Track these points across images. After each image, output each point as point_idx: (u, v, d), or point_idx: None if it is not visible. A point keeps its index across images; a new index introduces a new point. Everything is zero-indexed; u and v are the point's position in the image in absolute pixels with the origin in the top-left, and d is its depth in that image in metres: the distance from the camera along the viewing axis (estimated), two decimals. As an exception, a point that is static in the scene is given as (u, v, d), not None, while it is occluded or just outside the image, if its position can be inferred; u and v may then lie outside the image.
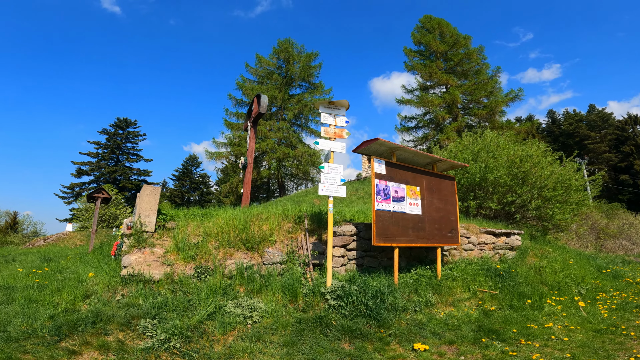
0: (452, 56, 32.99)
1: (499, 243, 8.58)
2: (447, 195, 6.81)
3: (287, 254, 6.30)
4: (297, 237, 6.59)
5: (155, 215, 6.62)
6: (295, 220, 6.79)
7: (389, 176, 5.77)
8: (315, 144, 5.40)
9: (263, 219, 6.68)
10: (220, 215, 6.97)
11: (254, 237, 6.26)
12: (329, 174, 5.39)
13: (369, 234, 6.85)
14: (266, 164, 36.36)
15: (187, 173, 58.01)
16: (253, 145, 11.66)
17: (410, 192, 6.08)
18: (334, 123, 5.64)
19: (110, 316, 4.65)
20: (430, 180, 6.52)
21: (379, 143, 5.75)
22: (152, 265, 5.79)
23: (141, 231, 6.34)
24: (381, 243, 5.55)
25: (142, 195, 6.65)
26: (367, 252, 6.93)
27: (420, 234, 6.17)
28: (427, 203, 6.37)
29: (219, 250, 6.11)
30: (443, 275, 6.78)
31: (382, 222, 5.57)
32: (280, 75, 35.65)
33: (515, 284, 6.86)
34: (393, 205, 5.79)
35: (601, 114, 59.30)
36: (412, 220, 6.07)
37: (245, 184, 11.27)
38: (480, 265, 7.53)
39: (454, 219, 6.86)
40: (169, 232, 6.66)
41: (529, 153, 10.26)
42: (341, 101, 5.63)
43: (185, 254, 5.87)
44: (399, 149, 6.01)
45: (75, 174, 47.30)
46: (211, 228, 6.49)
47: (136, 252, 6.10)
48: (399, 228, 5.82)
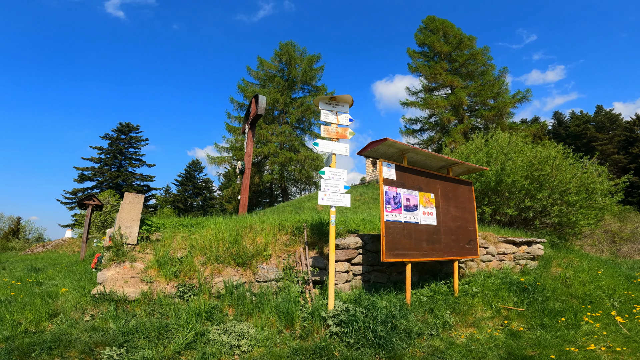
0: (457, 57, 32.24)
1: (520, 253, 7.81)
2: (464, 202, 6.05)
3: (284, 270, 5.57)
4: (295, 250, 5.86)
5: (137, 225, 5.94)
6: (293, 231, 6.06)
7: (399, 182, 5.03)
8: (314, 145, 4.67)
9: (257, 231, 5.95)
10: (210, 225, 6.26)
11: (246, 251, 5.54)
12: (331, 180, 4.66)
13: (376, 247, 6.10)
14: (268, 168, 35.71)
15: (190, 178, 57.56)
16: (251, 148, 10.98)
17: (423, 200, 5.33)
18: (336, 121, 4.92)
19: (71, 341, 3.97)
20: (445, 185, 5.77)
21: (388, 144, 5.02)
22: (130, 282, 5.12)
23: (121, 244, 5.68)
24: (391, 259, 4.80)
25: (123, 204, 5.99)
26: (374, 266, 6.19)
27: (436, 246, 5.41)
28: (443, 212, 5.62)
29: (205, 266, 5.40)
30: (461, 291, 6.04)
31: (392, 235, 4.82)
32: (282, 78, 35.09)
33: (543, 299, 6.10)
34: (404, 215, 5.04)
35: (609, 114, 58.18)
36: (426, 231, 5.32)
37: (242, 190, 10.57)
38: (501, 278, 6.81)
39: (472, 229, 6.10)
40: (154, 244, 5.97)
41: (549, 155, 9.46)
42: (344, 96, 4.91)
43: (167, 270, 5.17)
44: (410, 151, 5.27)
45: (77, 179, 46.99)
46: (199, 241, 5.79)
47: (114, 267, 5.45)
48: (412, 241, 5.07)
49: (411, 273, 6.33)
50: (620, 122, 55.53)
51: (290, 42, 34.75)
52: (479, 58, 31.64)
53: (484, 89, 30.52)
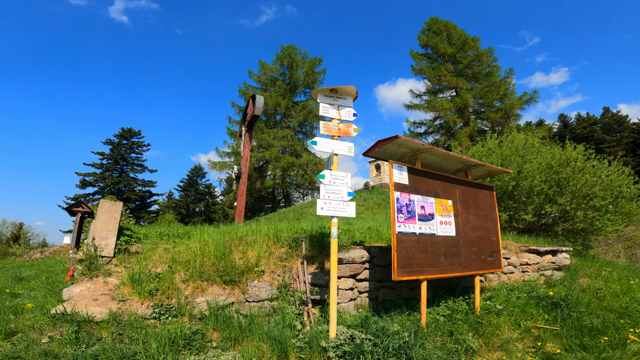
0: (461, 58, 31.54)
1: (544, 263, 7.07)
2: (485, 209, 5.31)
3: (279, 288, 4.86)
4: (292, 265, 5.13)
5: (114, 236, 5.28)
6: (290, 243, 5.34)
7: (412, 187, 4.30)
8: (312, 144, 3.97)
9: (248, 243, 5.24)
10: (197, 236, 5.57)
11: (235, 266, 4.83)
12: (332, 186, 3.94)
13: (384, 261, 5.37)
14: (270, 173, 35.05)
15: (193, 184, 57.03)
16: (248, 151, 10.30)
17: (440, 208, 4.59)
18: (338, 116, 4.22)
19: (21, 365, 3.29)
20: (464, 191, 5.03)
21: (399, 143, 4.30)
22: (100, 300, 4.47)
23: (95, 256, 5.02)
24: (404, 277, 4.07)
25: (98, 212, 5.34)
26: (382, 282, 5.46)
27: (455, 260, 4.67)
28: (462, 220, 4.88)
29: (187, 284, 4.70)
30: (483, 309, 5.32)
31: (405, 249, 4.09)
32: (284, 81, 34.54)
33: (578, 315, 5.33)
34: (419, 226, 4.31)
35: (616, 116, 57.16)
36: (444, 243, 4.58)
37: (239, 196, 9.87)
38: (526, 291, 6.10)
39: (495, 239, 5.35)
40: (134, 257, 5.29)
41: (570, 156, 8.69)
42: (346, 87, 4.21)
43: (141, 288, 4.49)
44: (424, 151, 4.54)
45: (79, 185, 46.63)
46: (182, 254, 5.09)
47: (86, 282, 4.83)
48: (428, 255, 4.33)
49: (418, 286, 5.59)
50: (628, 124, 54.54)
51: (292, 45, 34.27)
52: (483, 59, 30.93)
53: (490, 90, 29.76)
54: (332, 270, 3.87)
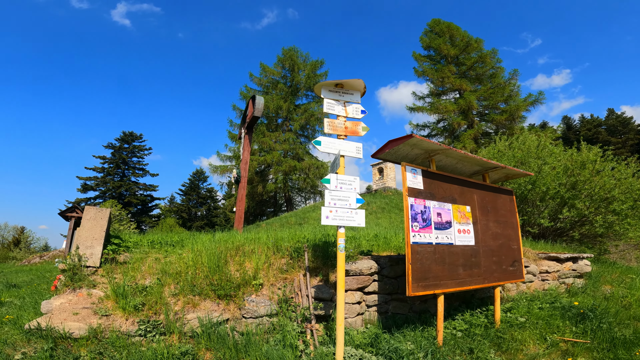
0: (465, 60, 31.12)
1: (565, 270, 6.64)
2: (505, 215, 4.86)
3: (279, 303, 4.42)
4: (293, 278, 4.69)
5: (101, 245, 4.88)
6: (291, 254, 4.90)
7: (427, 192, 3.86)
8: (315, 145, 3.54)
9: (246, 254, 4.80)
10: (191, 245, 5.14)
11: (231, 279, 4.40)
12: (338, 192, 3.50)
13: (395, 272, 4.92)
14: (272, 177, 34.63)
15: (194, 188, 56.69)
16: (248, 154, 9.88)
17: (458, 215, 4.15)
18: (344, 114, 3.79)
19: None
20: (483, 195, 4.59)
21: (412, 143, 3.87)
22: (81, 314, 4.09)
23: (78, 266, 4.63)
24: (420, 292, 3.63)
25: (83, 219, 4.93)
26: (392, 295, 5.01)
27: (474, 271, 4.22)
28: (482, 228, 4.43)
29: (177, 298, 4.27)
30: (503, 322, 4.91)
31: (420, 262, 3.64)
32: (285, 84, 34.21)
33: (609, 326, 4.89)
34: (436, 235, 3.86)
35: (620, 118, 56.55)
36: (463, 254, 4.13)
37: (238, 201, 9.44)
38: (548, 301, 5.70)
39: (516, 247, 4.90)
40: (121, 267, 4.88)
41: (588, 158, 8.23)
42: (353, 81, 3.78)
43: (126, 302, 4.07)
44: (440, 152, 4.10)
45: (80, 189, 46.41)
46: (173, 265, 4.66)
47: (68, 293, 4.42)
48: (445, 267, 3.88)
49: (432, 297, 5.15)
50: (633, 126, 53.94)
51: (293, 47, 33.96)
52: (487, 61, 30.49)
53: (494, 92, 29.30)
54: (339, 287, 3.42)
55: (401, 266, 4.98)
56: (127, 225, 28.70)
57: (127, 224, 28.90)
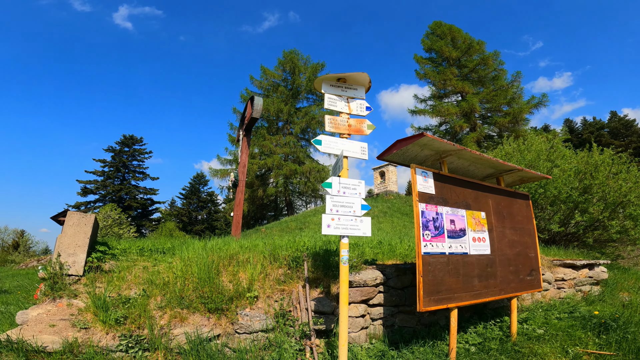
0: (467, 62, 30.82)
1: (581, 278, 6.31)
2: (522, 221, 4.49)
3: (276, 317, 4.05)
4: (291, 289, 4.32)
5: (84, 253, 4.55)
6: (289, 263, 4.53)
7: (440, 197, 3.50)
8: (316, 144, 3.19)
9: (240, 263, 4.43)
10: (182, 253, 4.78)
11: (223, 291, 4.04)
12: (341, 197, 3.13)
13: (402, 282, 4.55)
14: (273, 181, 34.29)
15: (195, 191, 56.39)
16: (246, 157, 9.53)
17: (472, 221, 3.78)
18: (347, 110, 3.44)
19: None
20: (498, 200, 4.22)
21: (422, 143, 3.51)
22: (59, 326, 3.79)
23: (59, 275, 4.31)
24: (432, 306, 3.26)
25: (65, 226, 4.61)
26: (399, 307, 4.64)
27: (490, 282, 3.85)
28: (498, 236, 4.06)
29: (164, 311, 3.91)
30: (520, 334, 4.56)
31: (432, 273, 3.27)
32: (286, 87, 33.96)
33: (633, 337, 4.55)
34: (449, 244, 3.50)
35: (623, 121, 56.14)
36: (478, 264, 3.76)
37: (236, 205, 9.07)
38: (566, 311, 5.38)
39: (533, 255, 4.54)
40: (106, 276, 4.54)
41: (603, 160, 7.87)
42: (357, 74, 3.44)
43: (106, 315, 3.72)
44: (453, 153, 3.74)
45: (80, 192, 46.14)
46: (161, 275, 4.30)
47: (47, 303, 4.09)
48: (459, 279, 3.52)
49: (442, 309, 4.78)
50: (636, 128, 53.54)
51: (294, 50, 33.75)
52: (489, 63, 30.17)
53: (497, 94, 28.96)
54: (342, 302, 3.05)
55: (408, 276, 4.61)
56: (127, 229, 28.36)
57: (127, 227, 28.56)
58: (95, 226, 5.13)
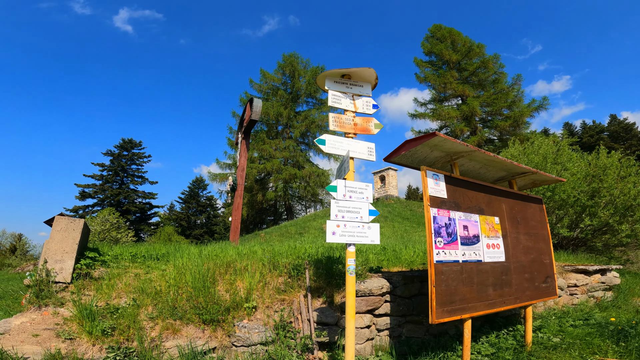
0: (467, 65, 30.73)
1: (594, 283, 6.11)
2: (536, 226, 4.26)
3: (276, 328, 3.80)
4: (292, 299, 4.07)
5: (72, 259, 4.32)
6: (290, 271, 4.28)
7: (452, 201, 3.27)
8: (319, 144, 2.96)
9: (237, 271, 4.18)
10: (176, 260, 4.52)
11: (219, 301, 3.79)
12: (347, 202, 2.89)
13: (409, 291, 4.31)
14: (272, 185, 34.02)
15: (194, 196, 56.07)
16: (245, 160, 9.31)
17: (486, 227, 3.55)
18: (353, 108, 3.22)
19: None
20: (512, 205, 3.99)
21: (432, 144, 3.28)
22: (42, 336, 3.59)
23: (46, 282, 4.09)
24: (446, 317, 3.03)
25: (52, 231, 4.39)
26: (406, 316, 4.39)
27: (505, 291, 3.62)
28: (512, 242, 3.82)
29: (155, 322, 3.66)
30: (535, 343, 4.33)
31: (446, 283, 3.03)
32: (285, 91, 33.81)
33: None
34: (462, 252, 3.26)
35: (623, 124, 56.08)
36: (493, 272, 3.52)
37: (234, 210, 8.84)
38: (581, 318, 5.18)
39: (548, 262, 4.31)
40: (95, 283, 4.30)
41: (612, 163, 7.66)
42: (363, 70, 3.22)
43: (93, 325, 3.48)
44: (465, 155, 3.51)
45: (78, 196, 45.82)
46: (153, 283, 4.05)
47: (32, 312, 3.89)
48: (473, 288, 3.28)
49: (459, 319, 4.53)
50: (636, 132, 53.48)
51: (293, 53, 33.64)
52: (489, 66, 30.09)
53: (497, 98, 28.84)
54: (348, 315, 2.81)
55: (416, 284, 4.37)
56: (125, 233, 28.10)
57: (125, 231, 28.29)
58: (85, 231, 4.88)
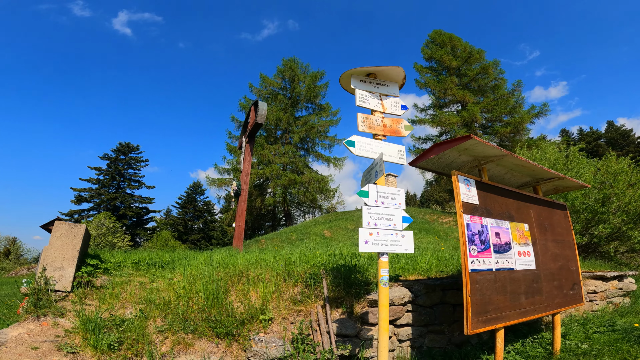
0: (467, 71, 30.83)
1: (612, 290, 6.07)
2: (562, 233, 4.12)
3: (294, 342, 3.59)
4: (309, 310, 3.88)
5: (73, 267, 4.11)
6: (306, 281, 4.09)
7: (484, 208, 3.11)
8: (348, 145, 2.79)
9: (250, 281, 3.98)
10: (183, 269, 4.31)
11: (233, 313, 3.59)
12: (379, 208, 2.72)
13: (431, 300, 4.14)
14: (271, 191, 33.76)
15: (191, 201, 55.64)
16: (249, 165, 9.13)
17: (516, 234, 3.39)
18: (381, 109, 3.06)
19: None
20: (539, 211, 3.85)
21: (461, 148, 3.12)
22: (42, 349, 3.36)
23: (44, 290, 3.87)
24: (481, 328, 2.86)
25: (52, 237, 4.19)
26: (428, 326, 4.22)
27: (536, 299, 3.47)
28: (541, 249, 3.67)
29: (165, 336, 3.45)
30: (564, 351, 4.14)
31: (480, 292, 2.87)
32: (285, 96, 33.74)
33: None
34: (495, 260, 3.10)
35: (620, 130, 56.46)
36: (525, 279, 3.37)
37: (238, 216, 8.63)
38: (605, 324, 5.07)
39: (574, 269, 4.17)
40: (97, 292, 4.08)
41: (622, 169, 7.57)
42: (390, 69, 3.07)
43: (98, 339, 3.26)
44: (495, 159, 3.35)
45: (74, 200, 45.30)
46: (161, 293, 3.84)
47: (30, 322, 3.66)
48: (507, 296, 3.12)
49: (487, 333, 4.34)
50: (633, 138, 53.82)
51: (293, 58, 33.63)
52: (489, 72, 30.19)
53: (498, 104, 28.91)
54: (381, 329, 2.63)
55: (437, 293, 4.20)
56: (121, 237, 27.76)
57: (121, 236, 27.95)
58: (86, 237, 4.67)
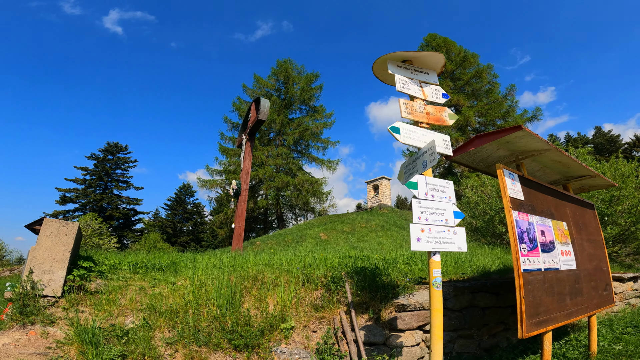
0: (461, 75, 31.07)
1: (628, 291, 6.05)
2: (593, 232, 3.97)
3: (319, 352, 3.30)
4: (332, 317, 3.60)
5: (64, 269, 3.74)
6: (327, 285, 3.81)
7: (528, 204, 2.91)
8: (393, 132, 2.55)
9: (266, 285, 3.68)
10: (188, 272, 3.98)
11: (250, 322, 3.27)
12: (430, 202, 2.47)
13: (460, 303, 3.92)
14: (264, 193, 33.33)
15: (180, 202, 54.67)
16: (249, 163, 8.81)
17: (558, 233, 3.21)
18: (422, 96, 2.84)
19: None
20: (574, 209, 3.68)
21: (502, 142, 2.90)
22: None
23: (32, 296, 3.52)
24: (534, 331, 2.70)
25: (40, 236, 3.82)
26: (457, 331, 4.01)
27: (579, 300, 3.31)
28: (579, 248, 3.51)
29: (174, 348, 3.12)
30: (600, 352, 3.95)
31: (532, 293, 2.68)
32: (279, 97, 33.43)
33: None
34: (543, 259, 2.90)
35: (608, 136, 57.73)
36: (568, 280, 3.20)
37: (237, 216, 8.27)
38: (629, 325, 4.90)
39: (606, 269, 4.05)
40: (91, 298, 3.72)
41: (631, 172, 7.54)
42: (428, 55, 2.86)
43: (97, 352, 2.92)
44: (537, 154, 3.14)
45: (59, 201, 43.97)
46: (165, 299, 3.51)
47: (15, 330, 3.31)
48: (554, 298, 2.94)
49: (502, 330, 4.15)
50: (620, 144, 55.04)
51: (288, 59, 33.38)
52: (483, 76, 30.49)
53: (491, 108, 29.17)
54: (434, 337, 2.37)
55: (467, 296, 3.98)
56: (108, 239, 26.94)
57: (107, 238, 27.13)
58: (79, 237, 4.29)
